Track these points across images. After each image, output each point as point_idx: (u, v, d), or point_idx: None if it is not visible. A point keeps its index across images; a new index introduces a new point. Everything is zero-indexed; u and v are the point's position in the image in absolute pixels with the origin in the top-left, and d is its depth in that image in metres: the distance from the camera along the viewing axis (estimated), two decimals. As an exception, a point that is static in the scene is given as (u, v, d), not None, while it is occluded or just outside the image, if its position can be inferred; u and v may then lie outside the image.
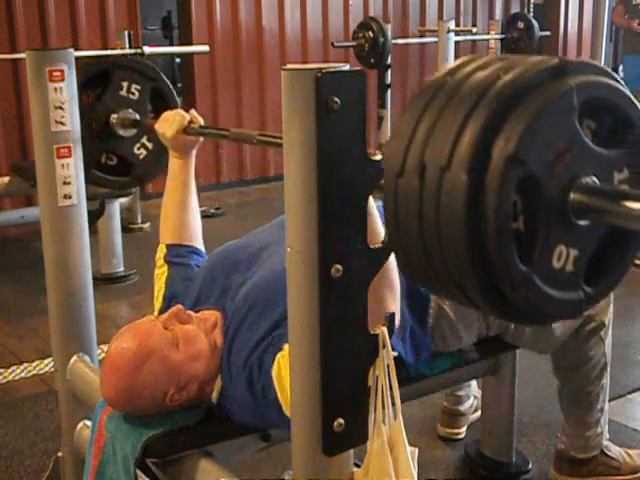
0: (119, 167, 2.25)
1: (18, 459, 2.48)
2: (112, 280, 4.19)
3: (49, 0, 5.57)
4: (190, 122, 1.93)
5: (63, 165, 1.93)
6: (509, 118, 0.90)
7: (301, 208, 1.11)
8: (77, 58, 1.97)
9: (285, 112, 1.11)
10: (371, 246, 1.17)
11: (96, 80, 2.21)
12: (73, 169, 1.94)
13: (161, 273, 1.96)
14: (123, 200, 4.50)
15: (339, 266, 1.13)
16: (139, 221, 5.26)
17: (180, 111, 1.96)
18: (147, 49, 4.72)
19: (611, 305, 2.09)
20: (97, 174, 2.12)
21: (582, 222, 0.96)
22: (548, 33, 7.85)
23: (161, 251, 1.99)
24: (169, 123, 1.94)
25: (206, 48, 5.55)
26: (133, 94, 2.31)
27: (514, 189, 0.90)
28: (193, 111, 1.96)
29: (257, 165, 6.73)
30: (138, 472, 1.59)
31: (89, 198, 2.03)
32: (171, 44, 9.08)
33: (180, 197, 2.01)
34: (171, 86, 2.42)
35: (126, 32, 4.67)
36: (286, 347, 1.52)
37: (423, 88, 0.99)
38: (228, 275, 1.80)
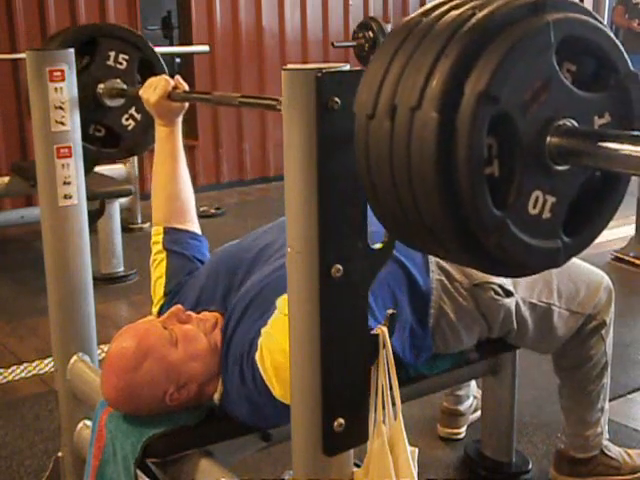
0: (107, 138, 2.21)
1: (18, 459, 2.48)
2: (112, 280, 4.19)
3: (49, 0, 5.57)
4: (174, 88, 1.88)
5: (63, 165, 1.93)
6: (483, 54, 0.87)
7: (301, 208, 1.11)
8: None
9: (285, 112, 1.11)
10: (371, 246, 1.17)
11: (82, 49, 2.18)
12: (73, 169, 1.94)
13: (160, 260, 1.92)
14: (123, 200, 4.50)
15: (339, 266, 1.13)
16: (139, 221, 5.25)
17: (164, 76, 1.92)
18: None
19: (612, 304, 2.09)
20: (86, 146, 2.09)
21: (560, 167, 0.92)
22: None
23: (158, 234, 1.95)
24: (153, 88, 1.89)
25: (206, 48, 5.55)
26: (121, 64, 2.28)
27: (487, 129, 0.86)
28: (178, 77, 1.92)
29: (257, 165, 6.73)
30: (138, 472, 1.59)
31: (89, 198, 2.03)
32: (171, 44, 9.07)
33: (169, 167, 1.96)
34: (160, 57, 2.39)
35: (126, 32, 4.67)
36: (263, 330, 1.53)
37: (396, 29, 0.97)
38: (231, 276, 1.79)
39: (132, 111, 2.24)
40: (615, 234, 4.60)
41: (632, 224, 4.44)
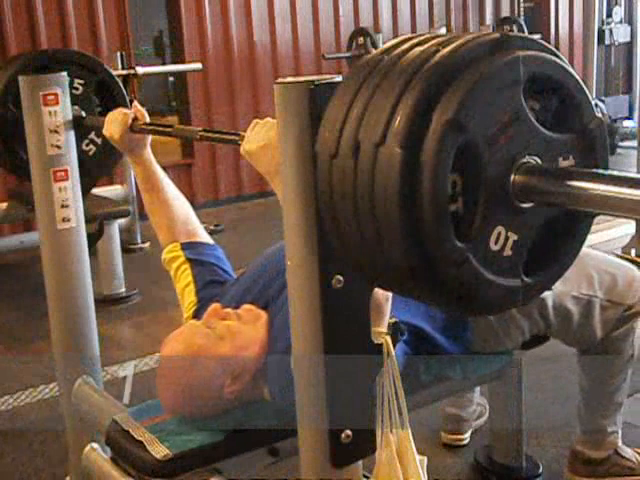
0: None
1: (26, 485, 2.47)
2: (114, 301, 4.18)
3: (40, 24, 5.59)
4: (135, 119, 1.88)
5: (60, 188, 1.93)
6: (448, 89, 0.86)
7: (300, 221, 1.11)
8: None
9: (280, 125, 1.11)
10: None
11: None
12: (71, 192, 1.94)
13: (184, 269, 1.92)
14: (122, 221, 4.50)
15: (340, 277, 1.13)
16: (139, 241, 5.24)
17: (122, 110, 1.91)
18: (140, 69, 4.73)
19: None
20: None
21: (524, 205, 0.92)
22: (539, 36, 7.87)
23: (175, 250, 1.95)
24: (114, 124, 1.89)
25: (199, 66, 5.56)
26: (76, 89, 2.27)
27: (452, 163, 0.86)
28: (137, 105, 1.91)
29: (255, 180, 6.72)
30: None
31: (87, 220, 2.03)
32: (164, 63, 9.09)
33: (157, 197, 1.97)
34: (116, 77, 2.36)
35: (118, 53, 4.69)
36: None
37: (357, 67, 0.96)
38: (276, 271, 1.78)
39: (92, 136, 2.24)
40: (614, 234, 4.60)
41: (631, 223, 4.43)
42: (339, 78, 1.10)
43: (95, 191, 4.19)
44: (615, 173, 0.86)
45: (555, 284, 1.87)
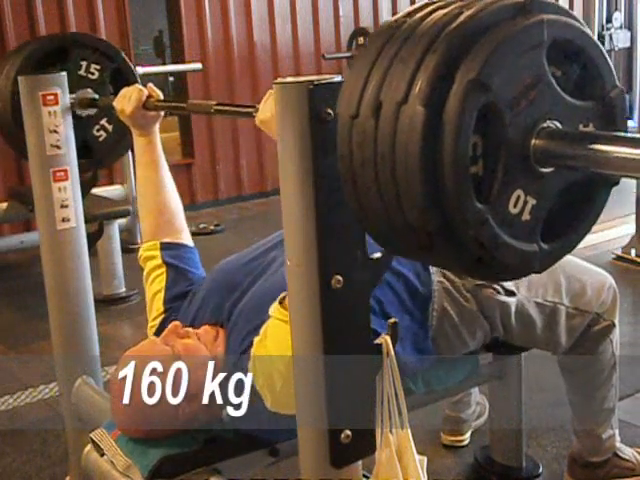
0: (77, 149, 2.19)
1: (26, 485, 2.47)
2: (114, 301, 4.18)
3: (40, 24, 5.59)
4: (149, 97, 1.88)
5: (60, 188, 1.93)
6: (472, 50, 0.86)
7: (299, 221, 1.11)
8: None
9: (279, 126, 1.11)
10: (370, 256, 1.16)
11: (53, 58, 2.17)
12: (70, 192, 1.94)
13: (159, 274, 1.90)
14: (122, 221, 4.50)
15: (339, 277, 1.13)
16: (139, 241, 5.23)
17: (138, 86, 1.92)
18: (140, 69, 4.73)
19: (617, 305, 2.07)
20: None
21: (544, 169, 0.92)
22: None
23: (154, 249, 1.93)
24: (127, 99, 1.89)
25: (199, 66, 5.56)
26: (92, 74, 2.28)
27: (474, 124, 0.85)
28: (151, 85, 1.92)
29: (255, 180, 6.73)
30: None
31: (87, 220, 2.03)
32: (164, 63, 9.11)
33: (153, 177, 1.95)
34: (133, 67, 2.37)
35: (118, 53, 4.68)
36: (255, 339, 1.49)
37: (379, 30, 0.96)
38: (231, 287, 1.77)
39: (103, 122, 2.24)
40: (614, 234, 4.60)
41: (631, 223, 4.43)
42: (339, 78, 1.10)
43: (95, 191, 4.19)
44: (637, 136, 0.85)
45: (520, 289, 1.87)
